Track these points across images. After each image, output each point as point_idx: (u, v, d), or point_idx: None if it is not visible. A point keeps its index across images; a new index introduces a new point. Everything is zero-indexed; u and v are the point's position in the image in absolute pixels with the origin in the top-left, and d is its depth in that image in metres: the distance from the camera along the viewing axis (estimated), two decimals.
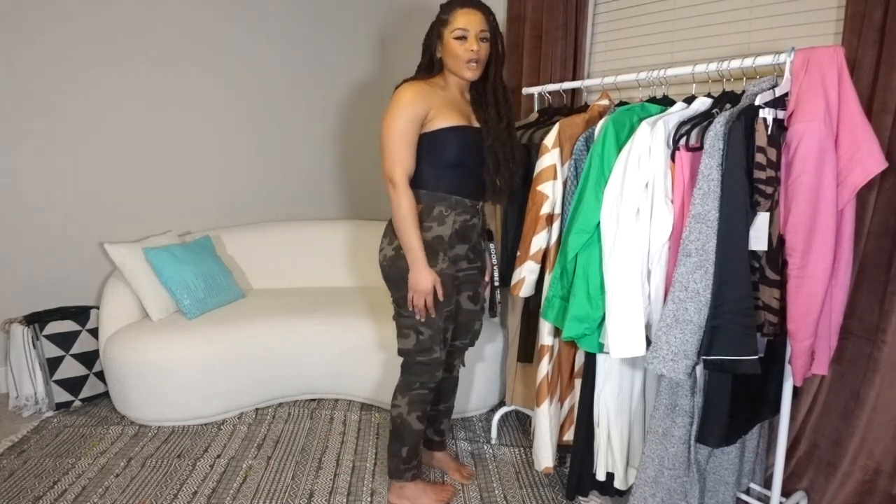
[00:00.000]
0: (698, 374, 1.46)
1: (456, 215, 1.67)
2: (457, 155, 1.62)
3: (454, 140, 1.60)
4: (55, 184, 2.61)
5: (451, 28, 1.59)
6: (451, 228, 1.67)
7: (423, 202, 1.66)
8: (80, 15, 2.56)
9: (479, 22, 1.59)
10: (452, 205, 1.66)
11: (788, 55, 1.35)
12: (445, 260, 1.67)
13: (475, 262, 1.81)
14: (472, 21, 1.58)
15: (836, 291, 1.43)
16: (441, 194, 1.65)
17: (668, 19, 2.09)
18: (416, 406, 1.76)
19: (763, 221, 1.31)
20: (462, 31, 1.58)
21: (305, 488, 1.94)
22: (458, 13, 1.59)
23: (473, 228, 1.73)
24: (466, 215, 1.69)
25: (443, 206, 1.66)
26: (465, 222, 1.69)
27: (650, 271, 1.47)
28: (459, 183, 1.66)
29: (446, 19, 1.61)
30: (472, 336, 1.90)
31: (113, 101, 2.70)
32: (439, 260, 1.66)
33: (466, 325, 1.87)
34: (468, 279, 1.81)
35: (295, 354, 2.46)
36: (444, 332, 1.72)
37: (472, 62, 1.59)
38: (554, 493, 1.92)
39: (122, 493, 1.88)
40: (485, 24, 1.60)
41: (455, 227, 1.68)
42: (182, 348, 2.29)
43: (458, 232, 1.69)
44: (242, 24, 3.06)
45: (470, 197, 1.69)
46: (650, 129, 1.43)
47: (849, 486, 1.65)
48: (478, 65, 1.61)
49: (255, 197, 3.25)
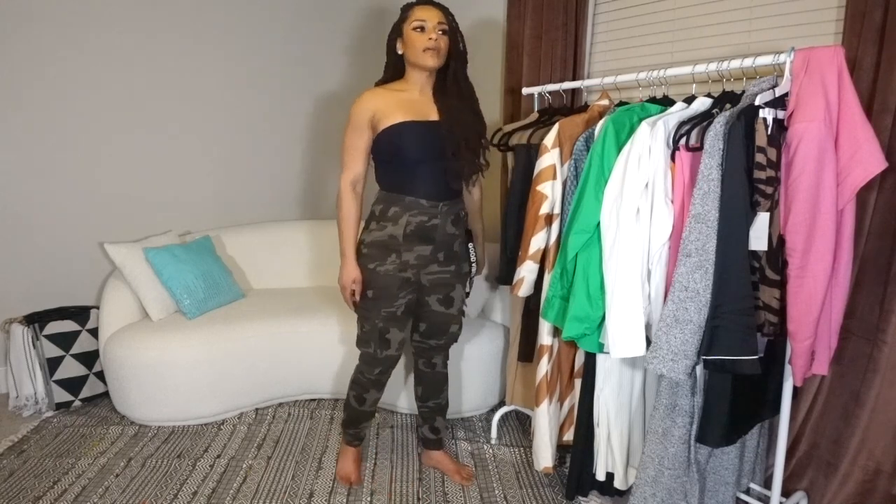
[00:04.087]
0: (698, 374, 1.46)
1: (410, 216, 1.70)
2: (406, 152, 1.66)
3: (400, 136, 1.65)
4: (55, 184, 2.61)
5: (410, 21, 1.66)
6: (404, 229, 1.70)
7: (382, 202, 1.73)
8: (81, 15, 2.56)
9: (436, 16, 1.65)
10: (406, 205, 1.69)
11: (788, 55, 1.34)
12: (396, 261, 1.71)
13: (448, 265, 1.80)
14: (430, 14, 1.65)
15: (836, 291, 1.43)
16: (395, 195, 1.71)
17: (668, 19, 2.09)
18: (354, 387, 1.91)
19: (763, 221, 1.31)
20: (420, 21, 1.64)
21: (305, 488, 1.94)
22: (417, 9, 1.67)
23: (434, 229, 1.72)
24: (423, 216, 1.70)
25: (397, 207, 1.70)
26: (421, 223, 1.70)
27: (650, 271, 1.47)
28: (414, 183, 1.69)
29: (406, 16, 1.68)
30: (447, 338, 1.91)
31: (113, 102, 2.70)
32: (388, 261, 1.71)
33: (439, 326, 1.87)
34: (439, 282, 1.81)
35: (295, 354, 2.46)
36: (382, 332, 1.76)
37: (430, 50, 1.63)
38: (554, 493, 1.92)
39: (122, 493, 1.88)
40: (443, 18, 1.66)
41: (409, 228, 1.70)
42: (182, 348, 2.29)
43: (415, 232, 1.71)
44: (243, 19, 3.05)
45: (427, 198, 1.69)
46: (650, 129, 1.43)
47: (849, 486, 1.65)
48: (437, 53, 1.64)
49: (256, 197, 3.25)
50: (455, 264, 1.81)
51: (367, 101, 1.68)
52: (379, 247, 1.71)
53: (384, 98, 1.68)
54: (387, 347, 1.79)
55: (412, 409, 2.40)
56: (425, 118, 1.68)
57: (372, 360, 1.82)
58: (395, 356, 1.82)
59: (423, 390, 2.00)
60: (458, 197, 1.79)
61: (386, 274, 1.71)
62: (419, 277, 1.77)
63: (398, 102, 1.67)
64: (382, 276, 1.71)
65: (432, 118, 1.69)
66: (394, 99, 1.68)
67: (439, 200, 1.71)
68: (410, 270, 1.74)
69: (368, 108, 1.67)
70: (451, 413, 2.37)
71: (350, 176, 1.72)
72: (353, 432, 1.98)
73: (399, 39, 1.70)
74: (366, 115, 1.67)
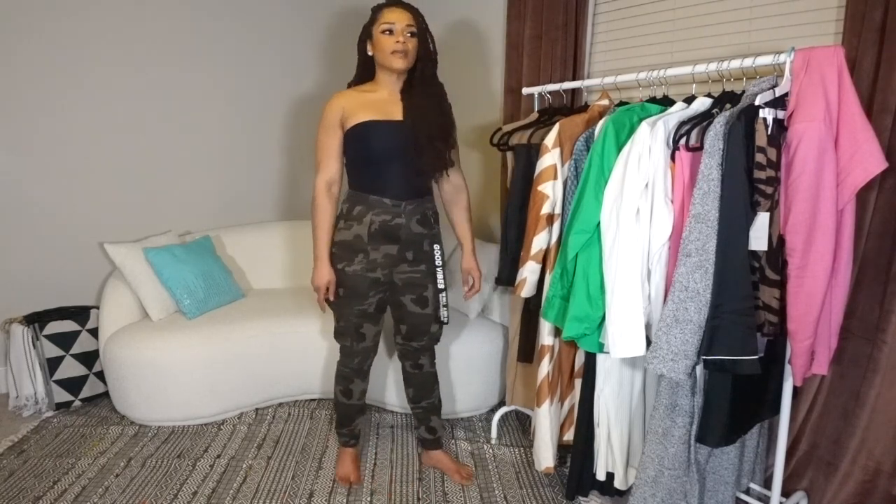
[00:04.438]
0: (698, 374, 1.46)
1: (373, 215, 1.72)
2: (369, 151, 1.69)
3: (363, 136, 1.68)
4: (55, 184, 2.61)
5: (379, 24, 1.68)
6: (369, 228, 1.72)
7: (349, 201, 1.77)
8: (81, 15, 2.56)
9: (405, 18, 1.68)
10: (370, 204, 1.73)
11: (788, 55, 1.34)
12: (363, 261, 1.74)
13: (418, 265, 1.81)
14: (399, 17, 1.67)
15: (836, 291, 1.43)
16: (360, 194, 1.74)
17: (668, 19, 2.09)
18: (338, 381, 1.94)
19: (763, 221, 1.31)
20: (389, 24, 1.66)
21: (305, 488, 1.94)
22: (386, 11, 1.69)
23: (399, 228, 1.74)
24: (386, 215, 1.72)
25: (362, 206, 1.74)
26: (385, 222, 1.73)
27: (650, 271, 1.47)
28: (378, 182, 1.72)
29: (375, 18, 1.70)
30: (429, 338, 1.91)
31: (113, 102, 2.70)
32: (356, 261, 1.74)
33: (418, 327, 1.88)
34: (411, 282, 1.82)
35: (295, 354, 2.46)
36: (357, 327, 1.81)
37: (398, 52, 1.65)
38: (554, 493, 1.92)
39: (122, 493, 1.88)
40: (412, 21, 1.69)
41: (374, 228, 1.73)
42: (182, 348, 2.29)
43: (379, 231, 1.73)
44: (242, 24, 3.05)
45: (391, 196, 1.72)
46: (650, 129, 1.43)
47: (849, 486, 1.65)
48: (405, 56, 1.67)
49: (256, 197, 3.25)
50: (426, 264, 1.83)
51: (337, 101, 1.72)
52: (346, 247, 1.75)
53: (352, 98, 1.73)
54: (362, 340, 1.84)
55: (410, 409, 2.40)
56: (389, 117, 1.70)
57: (350, 352, 1.88)
58: (372, 346, 1.88)
59: (414, 392, 2.00)
60: (425, 196, 1.80)
61: (354, 274, 1.75)
62: (391, 277, 1.80)
63: (365, 102, 1.71)
64: (351, 276, 1.75)
65: (396, 118, 1.71)
66: (361, 99, 1.72)
67: (402, 199, 1.73)
68: (380, 270, 1.76)
69: (338, 107, 1.71)
70: (451, 413, 2.37)
71: (325, 176, 1.76)
72: (346, 431, 2.00)
73: (369, 41, 1.72)
74: (336, 115, 1.72)
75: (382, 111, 1.70)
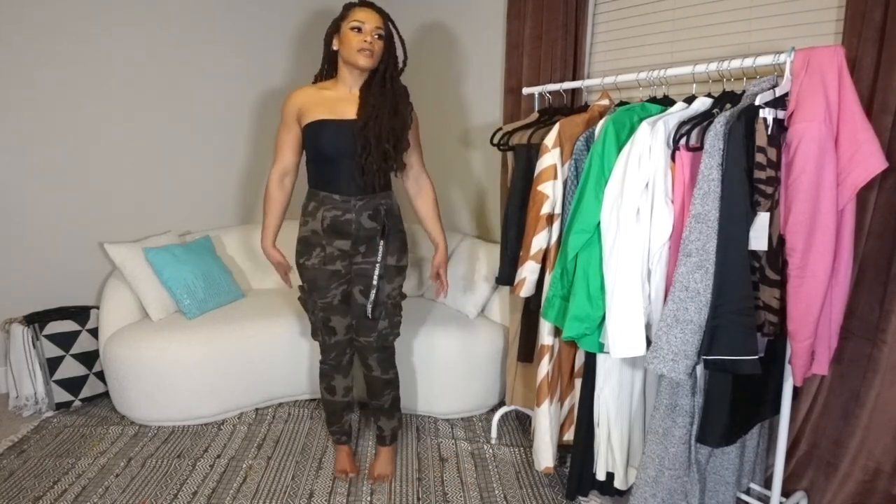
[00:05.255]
0: (698, 374, 1.46)
1: (325, 211, 1.77)
2: (321, 149, 1.73)
3: (316, 134, 1.72)
4: (55, 184, 2.61)
5: (349, 20, 1.70)
6: (322, 223, 1.77)
7: (307, 197, 1.83)
8: (80, 17, 2.56)
9: (375, 20, 1.70)
10: (321, 200, 1.78)
11: (788, 55, 1.34)
12: (320, 255, 1.80)
13: (370, 257, 1.84)
14: (370, 17, 1.69)
15: (837, 291, 1.43)
16: (315, 190, 1.80)
17: (668, 19, 2.09)
18: (322, 379, 1.97)
19: (763, 221, 1.31)
20: (358, 23, 1.68)
21: (305, 488, 1.94)
22: (357, 9, 1.71)
23: (349, 224, 1.78)
24: (336, 211, 1.77)
25: (315, 202, 1.79)
26: (335, 217, 1.77)
27: (650, 271, 1.47)
28: (327, 179, 1.76)
29: (346, 14, 1.72)
30: (377, 337, 1.88)
31: (113, 101, 2.70)
32: (313, 255, 1.79)
33: (363, 321, 1.87)
34: (361, 273, 1.85)
35: (295, 354, 2.46)
36: (325, 321, 1.86)
37: (364, 51, 1.68)
38: (554, 493, 1.92)
39: (122, 493, 1.88)
40: (381, 24, 1.71)
41: (326, 223, 1.77)
42: (182, 348, 2.29)
43: (331, 227, 1.77)
44: (247, 21, 3.05)
45: (340, 193, 1.76)
46: (650, 128, 1.43)
47: (849, 486, 1.65)
48: (370, 55, 1.69)
49: (255, 197, 3.25)
50: (376, 257, 1.84)
51: (295, 98, 1.77)
52: (305, 242, 1.81)
53: (310, 96, 1.76)
54: (333, 334, 1.88)
55: (410, 409, 2.40)
56: (342, 116, 1.73)
57: (325, 348, 1.92)
58: (344, 340, 1.91)
59: (366, 389, 2.02)
60: (377, 192, 1.80)
61: (313, 268, 1.81)
62: (350, 269, 1.84)
63: (321, 101, 1.75)
64: (310, 269, 1.81)
65: (349, 117, 1.73)
66: (319, 97, 1.76)
67: (352, 196, 1.76)
68: (339, 262, 1.81)
69: (295, 104, 1.76)
70: (451, 413, 2.38)
71: (279, 167, 1.83)
72: (336, 429, 2.04)
73: (336, 35, 1.75)
74: (292, 112, 1.77)
75: (336, 110, 1.73)
